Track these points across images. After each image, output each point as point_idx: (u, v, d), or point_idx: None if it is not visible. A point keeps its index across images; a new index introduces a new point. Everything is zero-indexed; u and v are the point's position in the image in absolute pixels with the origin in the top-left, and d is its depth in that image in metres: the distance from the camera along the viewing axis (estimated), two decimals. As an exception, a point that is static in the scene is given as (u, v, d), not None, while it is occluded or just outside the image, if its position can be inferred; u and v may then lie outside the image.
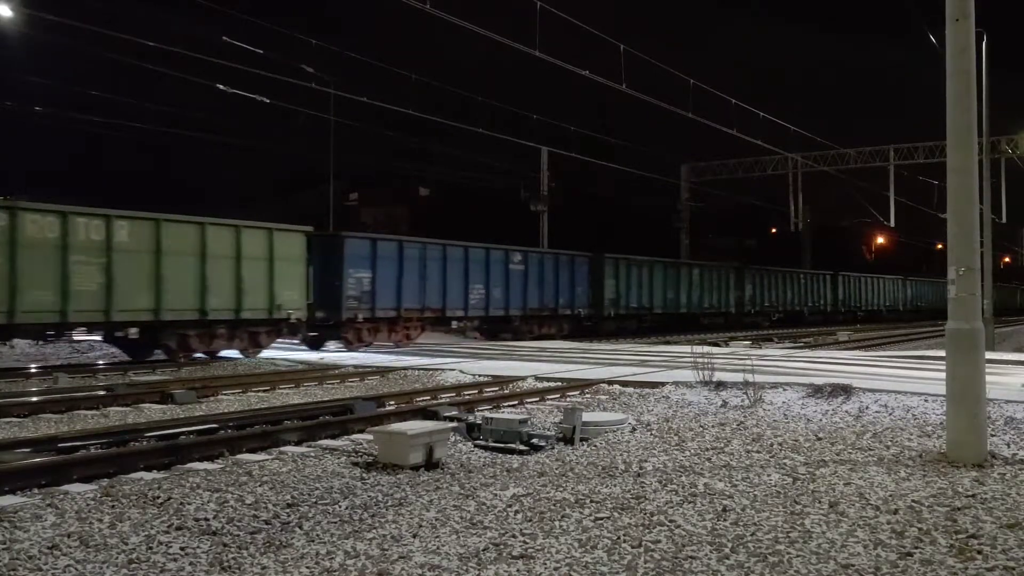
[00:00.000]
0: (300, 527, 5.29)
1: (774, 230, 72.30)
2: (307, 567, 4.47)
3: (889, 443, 7.57)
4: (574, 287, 29.73)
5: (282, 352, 19.92)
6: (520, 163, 37.99)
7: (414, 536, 4.97)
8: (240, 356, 18.64)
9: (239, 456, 7.58)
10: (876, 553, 4.54)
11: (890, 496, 5.65)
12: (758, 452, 7.34)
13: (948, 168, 7.25)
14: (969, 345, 6.99)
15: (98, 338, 21.29)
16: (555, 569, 4.36)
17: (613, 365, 16.37)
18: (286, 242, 19.34)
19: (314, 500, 5.88)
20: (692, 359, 12.81)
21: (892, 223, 38.85)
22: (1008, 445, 7.44)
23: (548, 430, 8.63)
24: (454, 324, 25.42)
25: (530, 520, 5.22)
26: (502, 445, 8.09)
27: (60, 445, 7.65)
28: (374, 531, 5.11)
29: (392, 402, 11.24)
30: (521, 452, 7.92)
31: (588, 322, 30.88)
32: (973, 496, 5.63)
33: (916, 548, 4.62)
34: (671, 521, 5.14)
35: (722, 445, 7.68)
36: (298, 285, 19.55)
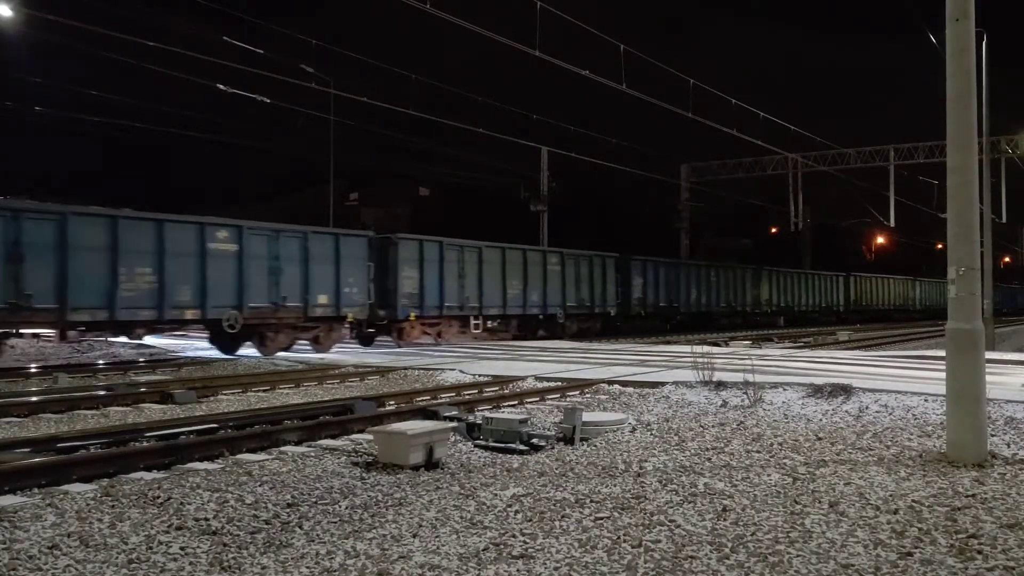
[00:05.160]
0: (300, 527, 5.29)
1: (774, 230, 72.19)
2: (307, 567, 4.47)
3: (889, 443, 7.57)
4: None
5: (283, 351, 19.90)
6: (520, 163, 38.00)
7: (414, 536, 4.97)
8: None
9: (239, 456, 7.58)
10: (876, 553, 4.54)
11: (890, 496, 5.65)
12: (758, 452, 7.34)
13: (948, 168, 7.25)
14: (969, 345, 6.98)
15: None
16: (555, 569, 4.36)
17: (613, 365, 16.37)
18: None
19: (314, 500, 5.88)
20: (692, 359, 12.80)
21: (892, 223, 38.87)
22: (1008, 445, 7.44)
23: (548, 430, 8.63)
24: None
25: (530, 520, 5.22)
26: (502, 445, 8.09)
27: (60, 445, 7.65)
28: (374, 531, 5.11)
29: (392, 402, 11.24)
30: (521, 452, 7.92)
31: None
32: (973, 496, 5.62)
33: (916, 548, 4.61)
34: (671, 521, 5.14)
35: (722, 445, 7.68)
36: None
